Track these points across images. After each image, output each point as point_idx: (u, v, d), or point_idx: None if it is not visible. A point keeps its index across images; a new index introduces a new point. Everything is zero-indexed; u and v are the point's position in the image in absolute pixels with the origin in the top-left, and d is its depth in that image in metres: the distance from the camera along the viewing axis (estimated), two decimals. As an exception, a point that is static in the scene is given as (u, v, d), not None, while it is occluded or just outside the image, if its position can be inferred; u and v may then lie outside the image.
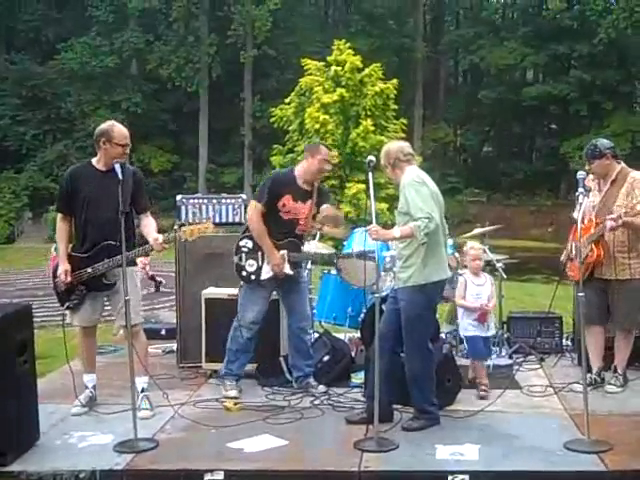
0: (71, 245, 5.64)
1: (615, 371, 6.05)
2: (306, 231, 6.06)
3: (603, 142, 6.02)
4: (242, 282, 6.04)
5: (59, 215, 5.71)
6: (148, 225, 5.65)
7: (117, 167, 5.22)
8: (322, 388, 6.10)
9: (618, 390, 5.89)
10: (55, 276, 5.61)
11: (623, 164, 5.99)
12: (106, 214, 5.42)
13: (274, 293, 6.17)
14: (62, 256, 5.59)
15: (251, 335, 6.00)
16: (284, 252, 5.90)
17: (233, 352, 6.06)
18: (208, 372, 6.56)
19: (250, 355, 6.12)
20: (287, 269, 5.91)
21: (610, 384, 5.95)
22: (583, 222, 5.67)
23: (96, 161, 5.63)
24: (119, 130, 5.55)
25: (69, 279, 5.50)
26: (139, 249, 5.61)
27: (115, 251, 5.35)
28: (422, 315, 5.26)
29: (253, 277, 5.97)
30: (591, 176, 5.97)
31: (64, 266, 5.53)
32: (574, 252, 5.92)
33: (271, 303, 6.17)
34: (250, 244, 5.98)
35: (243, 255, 5.99)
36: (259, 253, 5.95)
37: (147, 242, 5.55)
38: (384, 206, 18.32)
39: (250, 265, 5.96)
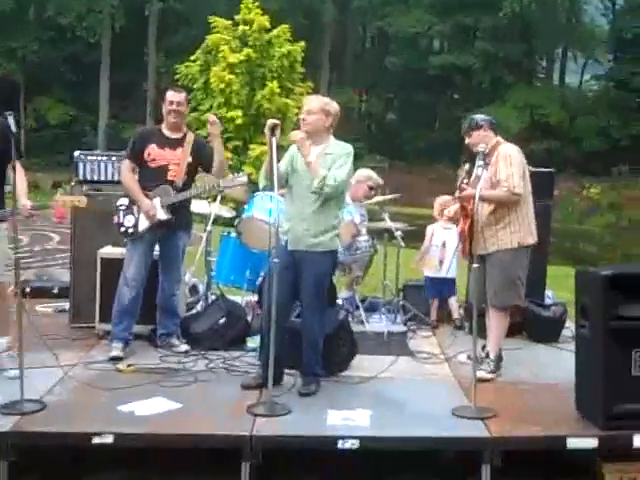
0: None
1: (487, 356, 5.75)
2: (178, 177, 6.03)
3: (480, 115, 5.94)
4: (125, 239, 6.11)
5: None
6: (20, 182, 5.36)
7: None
8: (184, 347, 6.17)
9: (488, 376, 5.58)
10: None
11: (500, 138, 5.79)
12: None
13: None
14: None
15: (133, 294, 5.99)
16: (157, 199, 5.96)
17: (117, 313, 6.05)
18: (101, 333, 6.42)
19: (134, 318, 6.09)
20: (161, 214, 5.97)
21: (481, 369, 5.53)
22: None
23: None
24: None
25: None
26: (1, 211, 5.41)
27: None
28: (327, 279, 5.37)
29: (131, 230, 6.03)
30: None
31: None
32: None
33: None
34: (126, 201, 6.07)
35: (121, 213, 6.07)
36: (134, 207, 6.02)
37: None
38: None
39: (128, 221, 6.04)
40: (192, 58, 25.58)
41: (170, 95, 6.11)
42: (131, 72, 36.93)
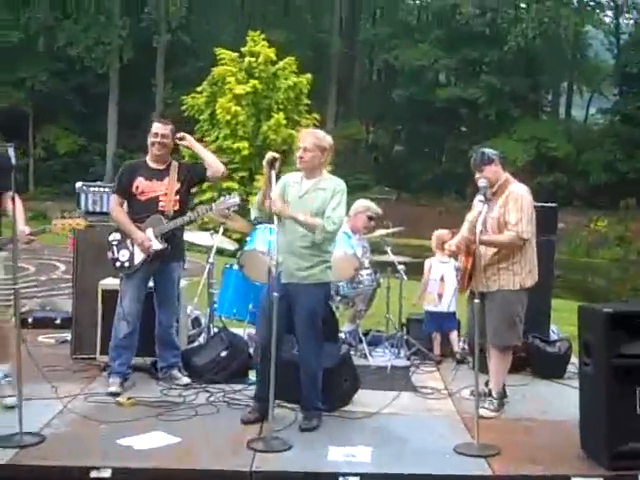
0: None
1: (490, 394, 5.71)
2: (168, 207, 5.99)
3: (490, 150, 5.85)
4: (121, 274, 6.06)
5: None
6: (18, 211, 5.35)
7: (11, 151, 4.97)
8: (185, 380, 6.12)
9: (492, 415, 5.55)
10: None
11: (508, 174, 5.76)
12: None
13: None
14: None
15: (130, 329, 5.94)
16: (150, 230, 5.93)
17: (114, 348, 6.00)
18: (102, 364, 6.37)
19: (132, 352, 6.05)
20: (156, 244, 5.94)
21: (484, 408, 5.50)
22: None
23: None
24: None
25: None
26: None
27: None
28: (320, 311, 5.31)
29: (127, 264, 6.00)
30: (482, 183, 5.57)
31: None
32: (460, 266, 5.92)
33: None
34: (118, 236, 6.04)
35: (114, 248, 6.04)
36: (128, 241, 5.99)
37: None
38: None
39: (123, 255, 6.00)
40: (198, 89, 25.74)
41: (155, 127, 6.07)
42: (139, 103, 37.18)
